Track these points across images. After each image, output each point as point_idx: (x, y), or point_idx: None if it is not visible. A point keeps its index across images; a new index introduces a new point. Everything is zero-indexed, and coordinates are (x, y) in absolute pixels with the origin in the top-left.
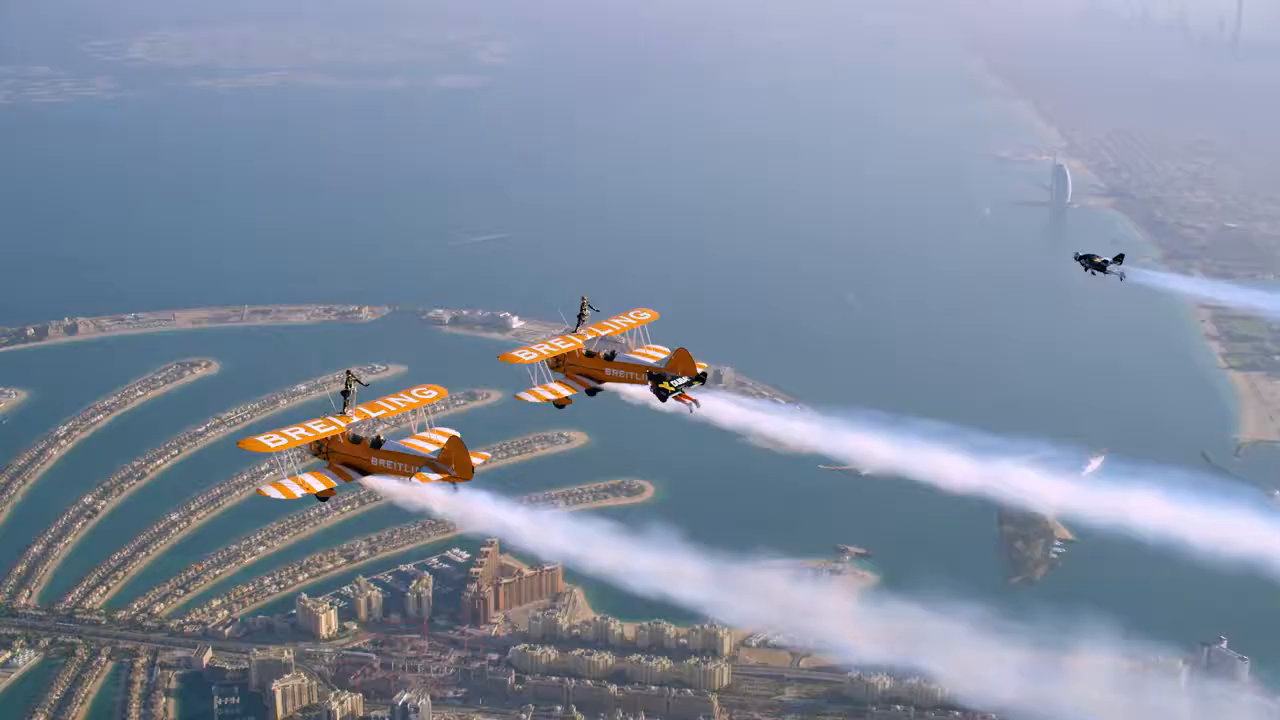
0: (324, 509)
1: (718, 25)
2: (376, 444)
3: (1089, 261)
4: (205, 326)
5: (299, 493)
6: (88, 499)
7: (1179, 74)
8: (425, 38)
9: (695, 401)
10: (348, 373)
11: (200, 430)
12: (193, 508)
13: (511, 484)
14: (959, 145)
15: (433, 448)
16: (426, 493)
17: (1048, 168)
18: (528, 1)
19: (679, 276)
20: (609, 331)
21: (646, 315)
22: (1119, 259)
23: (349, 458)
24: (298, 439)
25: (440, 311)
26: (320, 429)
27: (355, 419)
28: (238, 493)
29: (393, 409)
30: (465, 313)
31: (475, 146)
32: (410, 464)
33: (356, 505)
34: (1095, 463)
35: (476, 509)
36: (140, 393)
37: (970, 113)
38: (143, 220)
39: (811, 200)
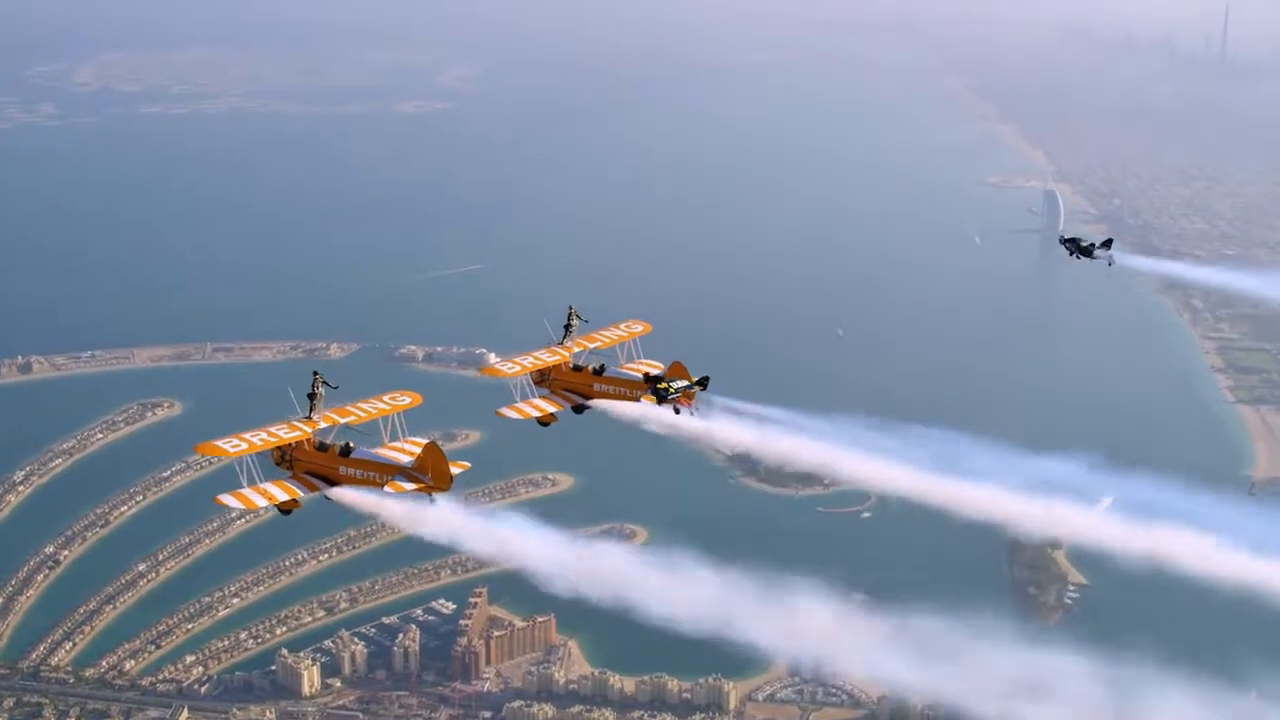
0: (300, 556)
1: (689, 49)
2: (345, 452)
3: (1074, 245)
4: (165, 365)
5: (260, 503)
6: (49, 549)
7: (1167, 95)
8: (383, 61)
9: (694, 407)
10: (314, 374)
11: (165, 475)
12: (161, 557)
13: None
14: (944, 171)
15: (406, 458)
16: (398, 504)
17: (1036, 194)
18: (486, 25)
19: (658, 309)
20: (598, 344)
21: (639, 328)
22: (1107, 244)
23: (315, 466)
24: (259, 444)
25: (413, 348)
26: (284, 434)
27: (322, 424)
28: (207, 541)
29: (363, 414)
30: (439, 349)
31: (442, 174)
32: (383, 473)
33: (335, 553)
34: (1105, 501)
35: (458, 523)
36: (100, 435)
37: (954, 138)
38: (96, 252)
39: (792, 228)
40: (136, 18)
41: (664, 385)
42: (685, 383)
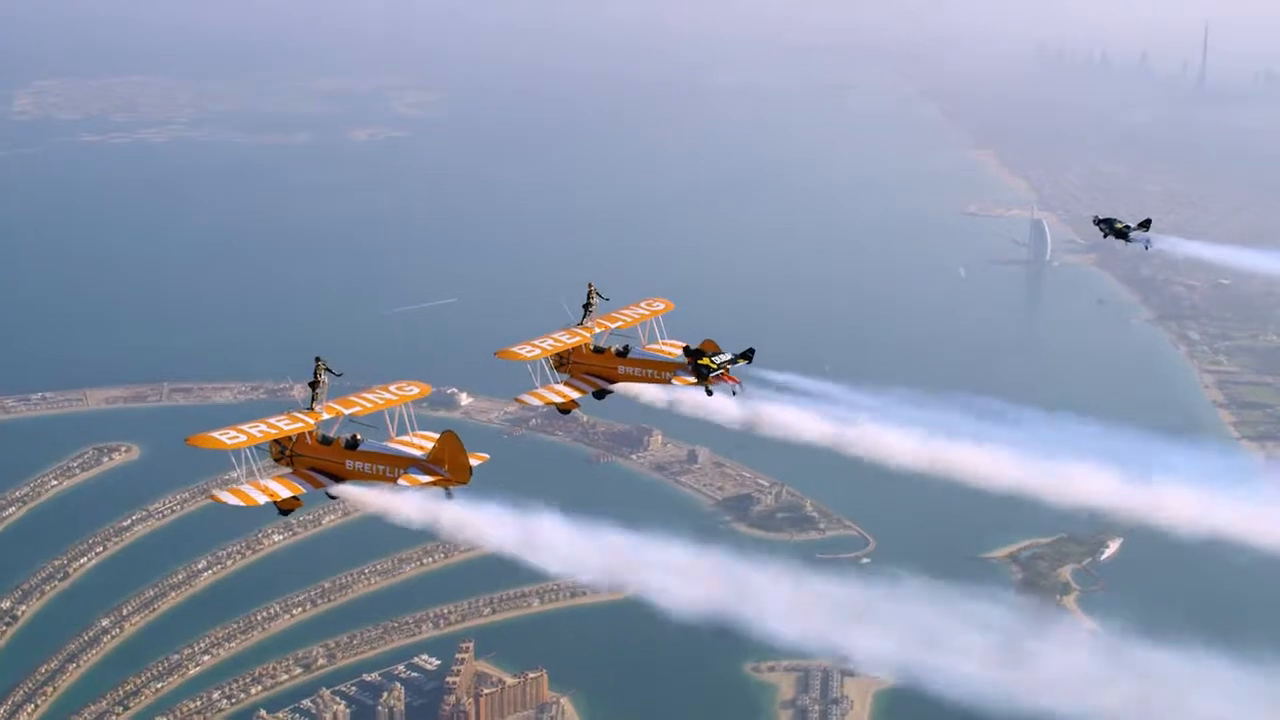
0: (273, 610)
1: (655, 75)
2: (352, 444)
3: (1109, 227)
4: (121, 406)
5: (260, 499)
6: (5, 604)
7: (1147, 120)
8: (331, 87)
9: (739, 383)
10: (316, 360)
11: (126, 524)
12: (125, 612)
13: (475, 578)
14: (922, 200)
15: (418, 452)
16: (410, 500)
17: (1019, 223)
18: (437, 50)
19: None
20: (619, 324)
21: (661, 305)
22: (1145, 224)
23: (318, 461)
24: (258, 436)
25: (380, 388)
26: (285, 425)
27: (326, 416)
28: (173, 594)
29: (369, 405)
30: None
31: (401, 204)
32: (394, 466)
33: (309, 606)
34: (1113, 546)
35: (480, 521)
36: (55, 482)
37: (931, 165)
38: (44, 288)
39: (767, 259)
40: (72, 43)
41: (706, 360)
42: (729, 356)
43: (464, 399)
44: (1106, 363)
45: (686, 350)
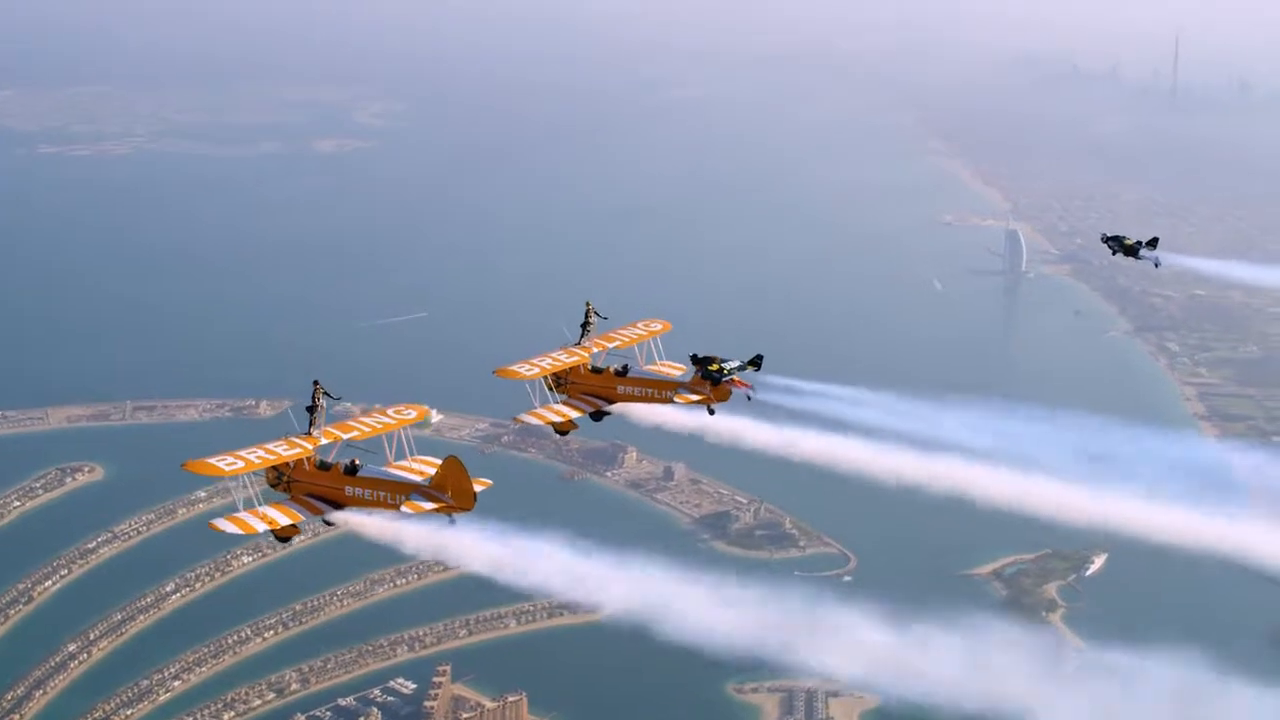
0: (244, 634)
1: (617, 86)
2: (351, 470)
3: (1118, 244)
4: (84, 425)
5: (260, 527)
6: None
7: (1119, 128)
8: (295, 97)
9: (751, 387)
10: (314, 384)
11: (91, 546)
12: (92, 636)
13: (451, 599)
14: (897, 211)
15: (418, 478)
16: (411, 527)
17: (995, 233)
18: (401, 60)
19: None
20: (617, 344)
21: (658, 326)
22: (1153, 243)
23: (316, 488)
24: (256, 462)
25: (349, 405)
26: (283, 451)
27: (324, 441)
28: (142, 618)
29: (367, 429)
30: (378, 407)
31: (369, 216)
32: (395, 492)
33: (281, 629)
34: (1098, 561)
35: (459, 541)
36: (17, 503)
37: (904, 176)
38: (2, 304)
39: (747, 273)
40: (27, 53)
41: (716, 366)
42: (738, 363)
43: (434, 416)
44: (1085, 375)
45: (694, 358)
